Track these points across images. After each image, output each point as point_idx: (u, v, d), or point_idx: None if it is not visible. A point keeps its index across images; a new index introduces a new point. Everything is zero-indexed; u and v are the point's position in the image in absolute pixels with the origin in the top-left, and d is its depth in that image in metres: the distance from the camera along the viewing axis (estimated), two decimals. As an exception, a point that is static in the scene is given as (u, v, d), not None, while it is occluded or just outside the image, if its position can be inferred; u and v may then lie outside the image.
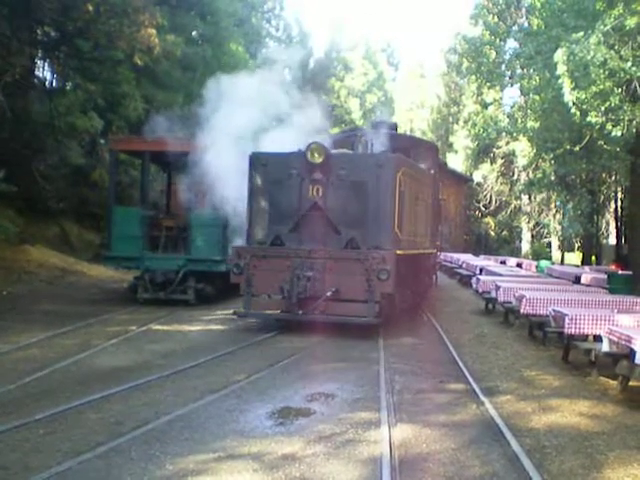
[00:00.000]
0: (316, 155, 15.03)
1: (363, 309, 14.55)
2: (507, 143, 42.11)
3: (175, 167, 23.80)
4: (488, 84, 26.29)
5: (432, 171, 20.81)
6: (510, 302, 16.47)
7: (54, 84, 32.43)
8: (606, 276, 23.63)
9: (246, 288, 15.05)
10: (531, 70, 21.89)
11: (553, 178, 36.22)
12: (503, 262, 34.36)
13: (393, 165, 15.30)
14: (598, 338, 11.22)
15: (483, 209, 53.01)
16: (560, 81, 15.33)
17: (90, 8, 22.13)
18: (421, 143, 23.52)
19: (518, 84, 26.18)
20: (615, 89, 15.32)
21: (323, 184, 15.14)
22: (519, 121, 24.95)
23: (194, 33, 36.37)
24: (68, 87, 30.20)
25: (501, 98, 44.42)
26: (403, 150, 17.77)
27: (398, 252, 15.07)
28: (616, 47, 15.19)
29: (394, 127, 21.65)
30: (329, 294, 14.47)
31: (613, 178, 37.42)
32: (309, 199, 15.18)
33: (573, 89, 15.11)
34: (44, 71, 32.48)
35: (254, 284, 15.03)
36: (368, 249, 14.78)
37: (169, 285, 18.83)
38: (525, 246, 52.47)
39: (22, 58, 24.84)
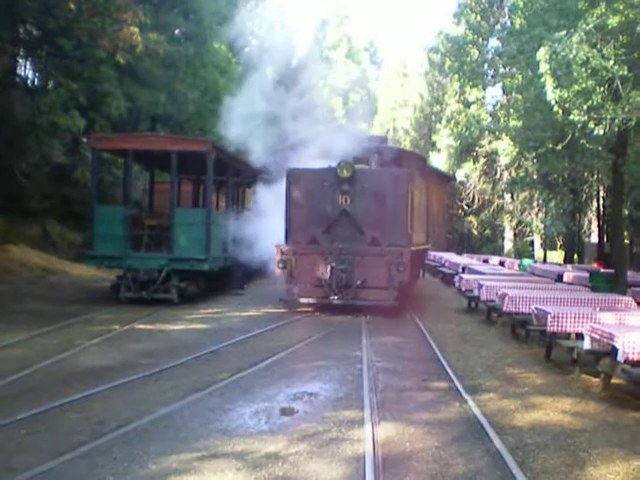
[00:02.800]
0: (345, 171, 18.58)
1: (385, 294, 17.97)
2: (490, 142, 42.18)
3: (158, 165, 23.83)
4: (470, 83, 26.27)
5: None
6: (493, 300, 16.56)
7: (36, 82, 32.26)
8: (588, 274, 23.77)
9: (289, 279, 18.56)
10: (514, 69, 21.93)
11: (535, 177, 36.25)
12: (486, 261, 34.54)
13: (406, 179, 19.12)
14: (580, 336, 11.28)
15: (466, 208, 53.15)
16: (542, 80, 15.36)
17: (72, 6, 21.99)
18: (412, 154, 26.59)
19: (501, 83, 26.24)
20: (597, 88, 15.35)
21: (350, 194, 18.73)
22: (501, 120, 24.96)
23: (177, 31, 36.24)
24: (50, 85, 29.99)
25: (483, 97, 44.51)
26: (397, 161, 20.96)
27: (412, 248, 18.85)
28: (598, 46, 15.22)
29: (385, 140, 24.88)
30: (358, 283, 17.94)
31: (595, 177, 37.59)
32: (339, 206, 18.74)
33: (555, 88, 15.15)
34: (26, 69, 32.31)
35: (295, 276, 18.45)
36: (387, 246, 18.29)
37: (152, 284, 18.75)
38: (507, 245, 52.65)
39: (4, 57, 24.71)
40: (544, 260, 45.11)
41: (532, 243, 51.51)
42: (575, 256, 45.81)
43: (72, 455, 6.76)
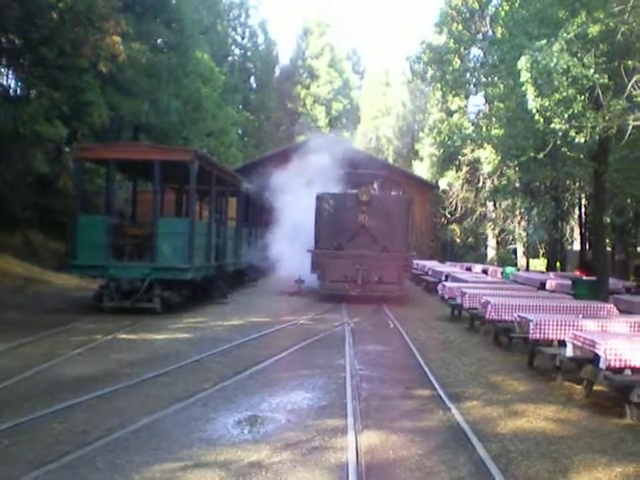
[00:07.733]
0: (364, 196, 24.53)
1: (394, 288, 23.67)
2: (472, 150, 42.32)
3: (141, 175, 23.77)
4: (453, 92, 26.45)
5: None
6: (476, 308, 16.60)
7: (18, 92, 32.12)
8: (570, 282, 23.85)
9: (321, 276, 23.79)
10: (495, 78, 22.06)
11: (518, 185, 36.53)
12: (469, 269, 34.56)
13: (409, 202, 26.10)
14: (563, 343, 11.31)
15: (449, 216, 53.14)
16: (524, 89, 15.43)
17: (55, 16, 21.97)
18: (398, 170, 34.56)
19: (482, 92, 26.40)
20: (578, 96, 15.43)
21: (368, 213, 24.54)
22: (484, 129, 25.15)
23: (159, 41, 36.21)
24: (32, 95, 29.90)
25: (466, 106, 44.77)
26: (388, 178, 28.85)
27: (413, 254, 26.36)
28: (579, 54, 15.28)
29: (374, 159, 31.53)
30: (375, 279, 23.32)
31: (577, 185, 37.79)
32: (359, 222, 24.56)
33: (537, 96, 15.22)
34: (8, 78, 32.17)
35: (326, 274, 23.63)
36: (395, 252, 24.15)
37: (135, 294, 18.60)
38: (490, 253, 52.71)
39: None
40: (527, 268, 45.21)
41: (515, 251, 51.59)
42: (558, 264, 45.92)
43: (55, 465, 6.73)
